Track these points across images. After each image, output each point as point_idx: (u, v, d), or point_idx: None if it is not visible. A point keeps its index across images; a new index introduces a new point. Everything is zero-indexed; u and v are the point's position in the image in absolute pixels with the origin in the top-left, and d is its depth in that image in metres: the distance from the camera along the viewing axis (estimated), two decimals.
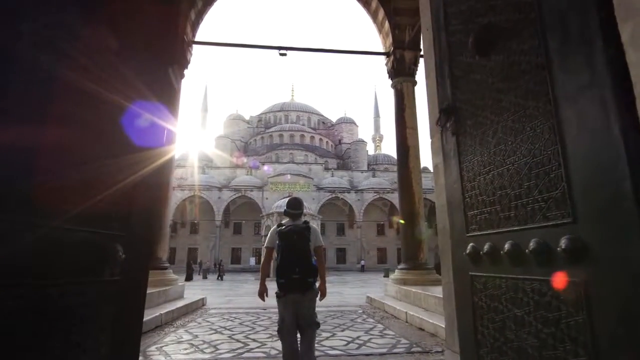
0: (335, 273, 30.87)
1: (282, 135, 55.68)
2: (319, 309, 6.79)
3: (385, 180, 43.34)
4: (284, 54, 8.84)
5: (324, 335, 4.76)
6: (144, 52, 1.64)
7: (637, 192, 0.93)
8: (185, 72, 8.72)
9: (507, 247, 1.46)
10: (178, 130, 8.27)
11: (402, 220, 8.69)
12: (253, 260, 37.81)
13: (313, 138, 56.87)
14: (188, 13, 8.34)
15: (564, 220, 1.21)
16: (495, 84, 1.61)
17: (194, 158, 42.74)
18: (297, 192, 37.37)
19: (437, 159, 2.36)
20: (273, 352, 3.94)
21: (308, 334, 2.92)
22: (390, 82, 9.45)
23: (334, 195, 40.84)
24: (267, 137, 56.54)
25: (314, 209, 34.56)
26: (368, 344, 4.30)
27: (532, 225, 1.37)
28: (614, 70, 1.01)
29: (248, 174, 42.56)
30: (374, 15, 9.75)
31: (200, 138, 63.41)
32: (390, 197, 39.88)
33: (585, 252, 1.11)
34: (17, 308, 0.95)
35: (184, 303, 7.11)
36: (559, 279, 1.21)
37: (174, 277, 8.02)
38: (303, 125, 59.42)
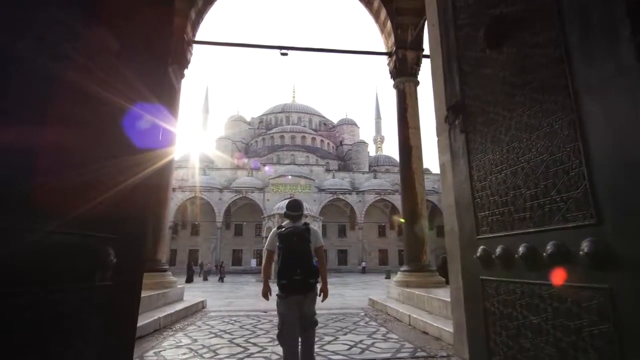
0: (337, 274, 30.77)
1: (283, 137, 55.65)
2: (321, 312, 6.74)
3: (387, 182, 43.26)
4: (285, 54, 8.79)
5: (326, 339, 4.67)
6: (143, 51, 1.60)
7: None
8: (186, 72, 8.68)
9: (521, 250, 1.39)
10: (178, 131, 8.21)
11: (402, 220, 8.63)
12: (254, 262, 37.70)
13: (314, 139, 56.83)
14: (188, 12, 8.29)
15: (586, 222, 1.13)
16: (508, 79, 1.53)
17: (195, 159, 42.72)
18: (298, 193, 37.31)
19: (444, 158, 2.28)
20: (274, 357, 3.86)
21: (309, 335, 2.98)
22: (393, 82, 9.38)
23: (336, 197, 40.76)
24: (268, 138, 56.51)
25: (316, 211, 34.44)
26: (371, 349, 4.21)
27: (549, 227, 1.29)
28: None
29: (249, 176, 42.51)
30: (376, 15, 9.69)
31: (201, 139, 63.56)
32: (392, 198, 39.78)
33: (611, 255, 1.04)
34: None
35: (184, 306, 7.03)
36: (581, 285, 1.14)
37: (173, 279, 7.94)
38: (304, 127, 59.38)
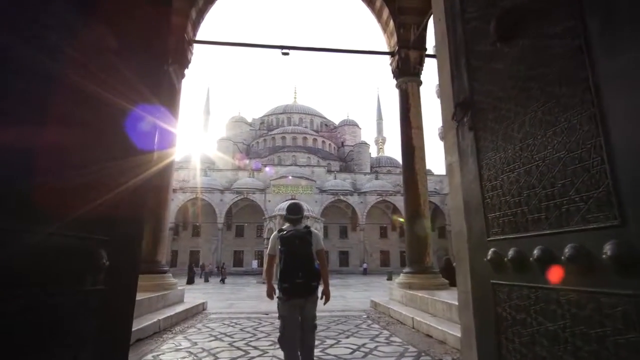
0: (338, 276, 30.66)
1: (284, 138, 55.59)
2: (322, 314, 6.67)
3: (388, 183, 43.14)
4: (287, 53, 8.72)
5: (328, 343, 4.59)
6: (141, 50, 1.54)
7: None
8: (187, 72, 8.61)
9: (536, 253, 1.31)
10: (178, 131, 8.15)
11: (402, 219, 8.60)
12: (255, 263, 37.60)
13: (316, 140, 56.76)
14: (189, 11, 8.23)
15: (609, 223, 1.05)
16: (521, 72, 1.46)
17: (196, 160, 42.70)
18: (299, 194, 37.22)
19: (451, 158, 2.20)
20: None
21: (309, 339, 3.00)
22: (395, 82, 9.32)
23: (337, 198, 40.65)
24: (269, 139, 56.47)
25: (317, 212, 34.33)
26: (374, 352, 4.13)
27: (567, 229, 1.21)
28: None
29: (250, 177, 42.46)
30: (379, 15, 9.62)
31: (203, 140, 63.50)
32: (393, 199, 39.65)
33: (636, 259, 0.96)
34: None
35: (184, 308, 6.96)
36: (603, 290, 1.06)
37: (174, 281, 7.86)
38: (306, 128, 59.32)
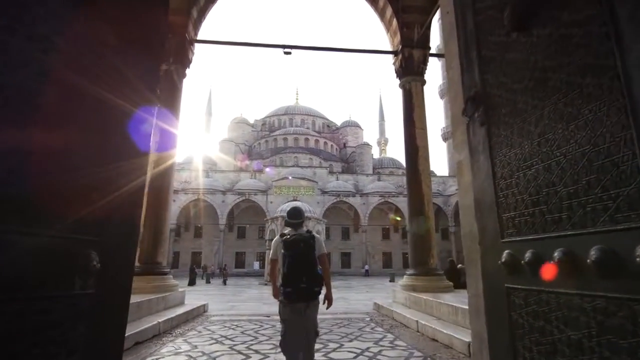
0: (340, 277, 30.54)
1: (286, 139, 55.54)
2: (325, 317, 6.57)
3: (391, 184, 42.97)
4: (289, 53, 8.65)
5: (331, 346, 4.49)
6: (140, 50, 1.47)
7: None
8: (188, 71, 8.55)
9: (557, 255, 1.21)
10: (180, 131, 8.08)
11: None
12: (257, 265, 37.50)
13: (317, 142, 56.68)
14: (190, 11, 8.17)
15: None
16: (539, 63, 1.36)
17: (199, 161, 42.71)
18: (301, 195, 37.12)
19: (461, 155, 2.11)
20: None
21: (310, 343, 3.00)
22: (399, 81, 9.22)
23: (339, 199, 40.51)
24: (271, 140, 56.43)
25: (319, 213, 34.20)
26: (378, 357, 4.02)
27: (593, 230, 1.12)
28: None
29: (252, 178, 42.38)
30: (382, 14, 9.54)
31: (205, 142, 63.58)
32: (396, 200, 39.47)
33: None
34: None
35: (184, 310, 6.87)
36: (636, 297, 0.97)
37: (174, 282, 7.77)
38: (307, 129, 59.26)
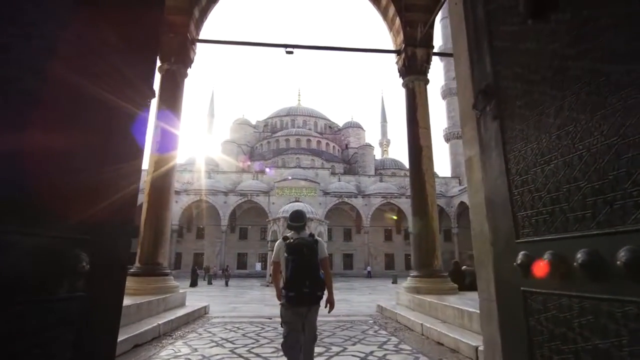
0: (342, 279, 30.41)
1: (288, 140, 55.51)
2: (327, 319, 6.48)
3: (393, 185, 42.82)
4: (291, 52, 8.59)
5: (334, 350, 4.40)
6: (138, 50, 1.41)
7: None
8: (190, 71, 8.50)
9: (580, 256, 1.12)
10: (181, 131, 8.02)
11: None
12: (259, 266, 37.41)
13: (320, 143, 56.61)
14: (191, 10, 8.13)
15: None
16: (558, 50, 1.27)
17: (201, 163, 42.72)
18: (303, 197, 37.04)
19: (471, 151, 2.03)
20: None
21: (309, 348, 3.03)
22: (402, 81, 9.13)
23: (341, 200, 40.40)
24: (273, 141, 56.42)
25: (321, 214, 34.11)
26: None
27: (621, 229, 1.02)
28: None
29: (254, 179, 42.33)
30: (384, 12, 9.47)
31: (207, 143, 63.69)
32: (398, 202, 39.34)
33: None
34: None
35: (185, 312, 6.79)
36: None
37: (175, 284, 7.69)
38: (310, 130, 59.21)
